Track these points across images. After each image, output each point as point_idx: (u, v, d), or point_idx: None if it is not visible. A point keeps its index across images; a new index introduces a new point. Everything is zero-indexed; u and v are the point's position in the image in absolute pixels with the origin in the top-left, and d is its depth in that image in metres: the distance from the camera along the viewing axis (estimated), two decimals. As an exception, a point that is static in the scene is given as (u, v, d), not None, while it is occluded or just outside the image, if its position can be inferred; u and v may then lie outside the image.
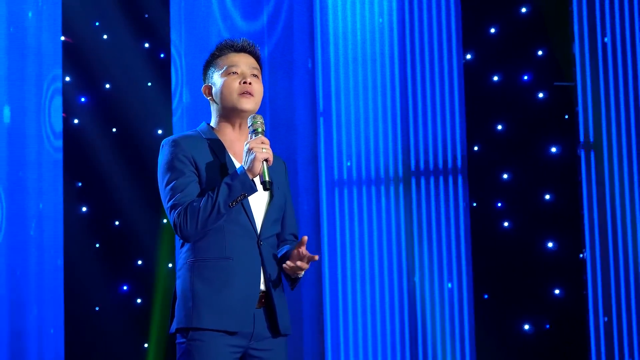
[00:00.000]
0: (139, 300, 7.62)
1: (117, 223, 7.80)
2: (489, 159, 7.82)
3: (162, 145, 3.99)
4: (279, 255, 4.02)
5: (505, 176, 7.78)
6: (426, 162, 7.79)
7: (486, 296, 7.74)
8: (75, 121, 7.84)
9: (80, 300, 7.71)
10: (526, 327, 7.66)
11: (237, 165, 3.96)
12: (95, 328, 7.73)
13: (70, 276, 7.61)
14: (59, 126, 7.62)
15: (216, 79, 4.00)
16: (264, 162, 3.80)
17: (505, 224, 7.76)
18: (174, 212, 3.85)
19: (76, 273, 7.69)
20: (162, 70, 7.69)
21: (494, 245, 7.76)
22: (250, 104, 3.95)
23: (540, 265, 7.69)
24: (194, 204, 3.84)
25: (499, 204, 7.78)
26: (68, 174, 7.64)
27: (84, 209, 7.82)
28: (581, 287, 7.60)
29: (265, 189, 3.82)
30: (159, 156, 3.99)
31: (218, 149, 3.96)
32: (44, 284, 7.50)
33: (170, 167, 3.91)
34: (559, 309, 7.65)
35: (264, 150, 3.80)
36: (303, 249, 3.89)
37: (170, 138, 3.99)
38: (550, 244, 7.67)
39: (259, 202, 3.93)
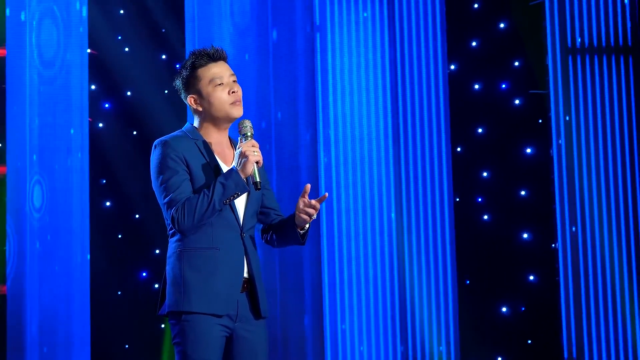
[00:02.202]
0: (156, 286, 7.65)
1: (137, 216, 7.88)
2: (470, 158, 7.85)
3: (155, 146, 4.03)
4: (274, 223, 4.18)
5: (485, 174, 7.85)
6: (415, 162, 7.78)
7: (468, 282, 7.81)
8: (100, 125, 7.88)
9: (104, 285, 7.74)
10: (503, 309, 7.76)
11: (222, 164, 4.06)
12: (117, 310, 7.77)
13: (95, 264, 7.61)
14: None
15: (202, 90, 4.06)
16: (255, 164, 3.92)
17: (485, 217, 7.83)
18: (172, 208, 3.92)
19: (101, 261, 7.70)
20: (177, 80, 7.92)
21: (475, 236, 7.81)
22: (241, 110, 4.07)
23: (517, 254, 7.76)
24: (192, 200, 3.91)
25: (480, 199, 7.86)
26: (93, 172, 7.68)
27: (108, 203, 7.89)
28: (553, 273, 7.68)
29: (256, 188, 3.95)
30: (152, 156, 4.02)
31: (205, 149, 4.04)
32: (73, 271, 7.54)
33: (165, 166, 3.96)
34: (533, 293, 7.73)
35: (255, 154, 3.92)
36: (306, 198, 3.98)
37: (162, 139, 4.04)
38: (525, 235, 7.77)
39: (240, 198, 4.02)
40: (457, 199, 7.84)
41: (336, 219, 7.77)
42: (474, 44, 7.90)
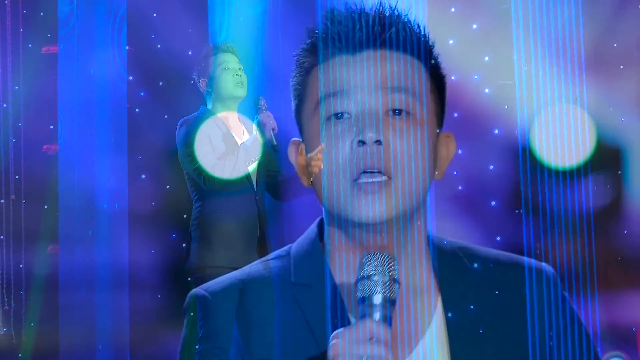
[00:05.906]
0: (184, 245, 7.23)
1: (167, 187, 8.20)
2: (447, 138, 8.66)
3: (180, 125, 4.47)
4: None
5: (460, 151, 7.89)
6: (401, 142, 8.36)
7: (445, 242, 8.04)
8: (137, 110, 8.35)
9: (140, 245, 8.27)
10: (475, 265, 8.24)
11: (235, 136, 4.41)
12: (151, 266, 8.28)
13: (132, 228, 8.14)
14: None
15: (212, 73, 4.43)
16: (271, 130, 4.34)
17: (460, 187, 8.26)
18: (202, 173, 4.28)
19: (137, 225, 8.18)
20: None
21: (451, 204, 8.02)
22: (243, 91, 4.46)
23: (486, 219, 8.17)
24: (219, 164, 4.29)
25: (455, 172, 8.29)
26: (131, 150, 8.22)
27: (143, 176, 8.40)
28: (517, 235, 8.00)
29: (274, 151, 4.35)
30: (179, 132, 4.42)
31: (221, 125, 4.42)
32: (114, 234, 8.12)
33: (191, 141, 4.36)
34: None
35: (271, 122, 4.34)
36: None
37: (186, 119, 4.46)
38: (493, 203, 8.27)
39: (253, 167, 4.40)
40: (436, 173, 8.16)
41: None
42: (451, 42, 8.37)
